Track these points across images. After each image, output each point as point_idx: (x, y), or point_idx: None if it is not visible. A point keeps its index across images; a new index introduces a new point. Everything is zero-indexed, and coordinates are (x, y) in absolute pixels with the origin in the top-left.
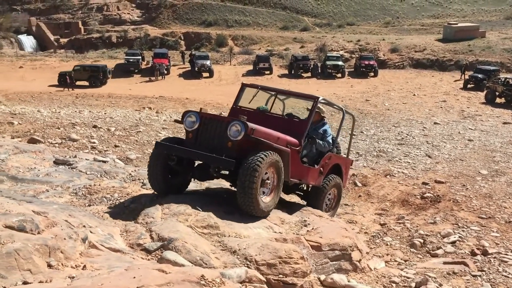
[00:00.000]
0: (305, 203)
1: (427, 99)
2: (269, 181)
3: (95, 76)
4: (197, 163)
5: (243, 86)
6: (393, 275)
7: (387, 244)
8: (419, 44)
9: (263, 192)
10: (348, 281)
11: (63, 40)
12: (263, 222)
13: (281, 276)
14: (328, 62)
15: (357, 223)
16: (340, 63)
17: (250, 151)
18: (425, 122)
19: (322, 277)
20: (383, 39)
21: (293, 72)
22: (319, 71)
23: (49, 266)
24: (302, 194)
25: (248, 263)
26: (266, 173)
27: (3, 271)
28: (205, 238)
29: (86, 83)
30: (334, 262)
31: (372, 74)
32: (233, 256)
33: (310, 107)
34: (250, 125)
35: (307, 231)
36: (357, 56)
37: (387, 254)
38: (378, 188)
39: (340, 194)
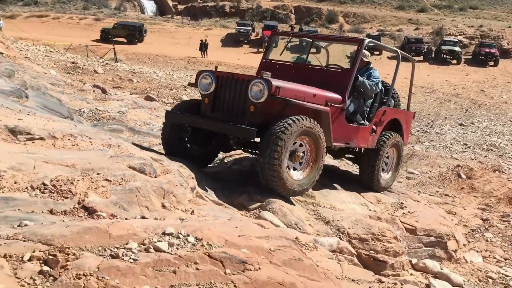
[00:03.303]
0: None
1: None
2: (301, 154)
3: (132, 34)
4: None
5: (273, 34)
6: (490, 271)
7: (487, 240)
8: None
9: (293, 168)
10: (441, 269)
11: (180, 7)
12: (358, 199)
13: (372, 252)
14: (443, 47)
15: (457, 215)
16: (457, 48)
17: (279, 116)
18: None
19: (414, 260)
20: (509, 26)
21: None
22: (432, 55)
23: (163, 206)
24: (353, 157)
25: (341, 234)
26: (295, 143)
27: (125, 204)
28: (300, 205)
29: (124, 40)
30: (428, 248)
31: (492, 63)
32: (326, 226)
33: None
34: (275, 82)
35: (403, 213)
36: (477, 42)
37: (486, 250)
38: (484, 183)
39: (401, 155)
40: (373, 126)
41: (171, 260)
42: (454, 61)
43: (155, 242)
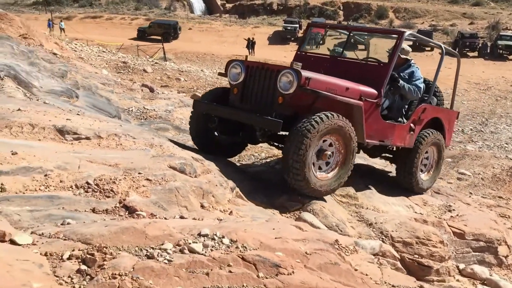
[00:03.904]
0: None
1: None
2: (329, 152)
3: (168, 32)
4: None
5: (309, 25)
6: None
7: None
8: None
9: (319, 167)
10: (490, 275)
11: (228, 5)
12: (403, 201)
13: (416, 256)
14: (500, 42)
15: (510, 218)
16: None
17: (309, 109)
18: None
19: (461, 266)
20: None
21: (457, 50)
22: (488, 51)
23: (202, 206)
24: (391, 156)
25: (383, 237)
26: (325, 140)
27: (165, 203)
28: (342, 206)
29: (160, 37)
30: (476, 253)
31: None
32: (368, 228)
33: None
34: (305, 73)
35: (451, 216)
36: None
37: None
38: None
39: (441, 154)
40: (411, 124)
41: (204, 262)
42: (511, 57)
43: (190, 243)
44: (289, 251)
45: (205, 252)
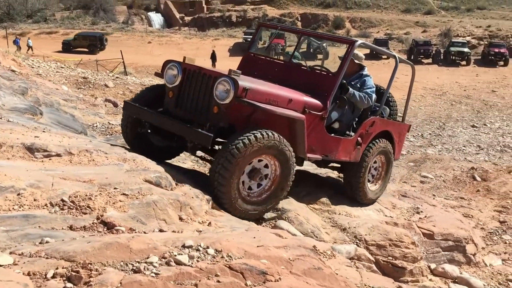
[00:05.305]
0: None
1: None
2: (263, 174)
3: (93, 44)
4: None
5: (260, 26)
6: (510, 273)
7: (505, 242)
8: None
9: (249, 187)
10: (461, 273)
11: (187, 18)
12: (374, 205)
13: (390, 258)
14: (452, 48)
15: (473, 218)
16: (466, 49)
17: (247, 121)
18: None
19: (433, 265)
20: None
21: (412, 58)
22: (442, 57)
23: (180, 219)
24: (339, 166)
25: (358, 241)
26: (260, 160)
27: (143, 218)
28: (316, 213)
29: (86, 50)
30: (446, 253)
31: (501, 63)
32: (342, 233)
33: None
34: (243, 82)
35: (419, 218)
36: (486, 43)
37: (505, 253)
38: (499, 185)
39: (390, 162)
40: (358, 138)
41: (192, 273)
42: (464, 62)
43: (175, 255)
44: (273, 258)
45: (192, 263)
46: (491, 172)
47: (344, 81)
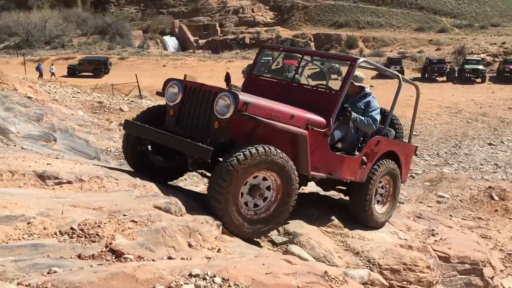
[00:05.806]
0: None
1: None
2: (263, 191)
3: (98, 69)
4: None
5: (262, 47)
6: None
7: None
8: None
9: (245, 204)
10: None
11: (201, 41)
12: (387, 227)
13: (405, 283)
14: (466, 66)
15: (491, 239)
16: (480, 67)
17: (249, 136)
18: None
19: None
20: None
21: (426, 76)
22: (456, 75)
23: (189, 245)
24: (345, 188)
25: (371, 265)
26: (256, 176)
27: (152, 245)
28: (328, 236)
29: (91, 74)
30: (463, 276)
31: None
32: (355, 257)
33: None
34: (243, 97)
35: (435, 240)
36: (501, 60)
37: None
38: None
39: (397, 184)
40: (363, 157)
41: None
42: (479, 80)
43: (181, 284)
44: (281, 286)
45: None
46: (509, 191)
47: (347, 105)
